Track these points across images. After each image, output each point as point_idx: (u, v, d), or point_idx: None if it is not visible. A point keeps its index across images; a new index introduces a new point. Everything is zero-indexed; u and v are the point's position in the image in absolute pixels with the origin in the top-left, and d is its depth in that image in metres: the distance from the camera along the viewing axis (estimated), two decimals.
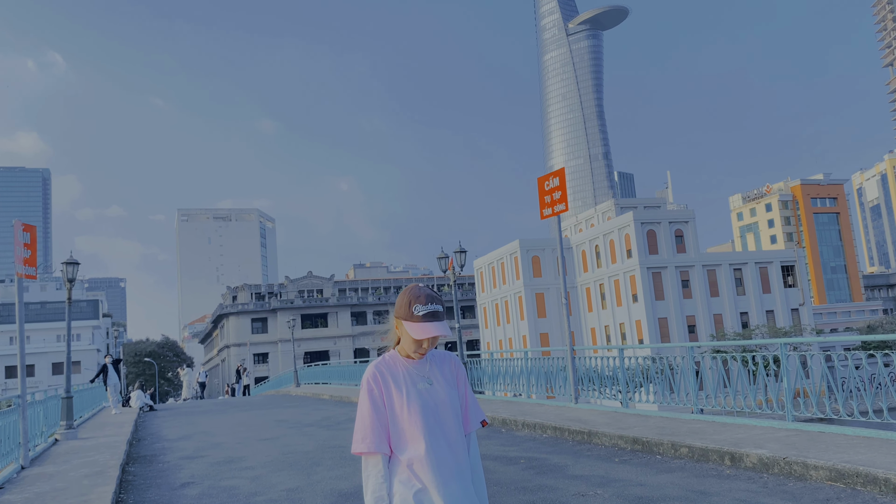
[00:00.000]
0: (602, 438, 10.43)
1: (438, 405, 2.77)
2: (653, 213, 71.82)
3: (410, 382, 2.77)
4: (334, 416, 18.52)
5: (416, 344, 2.74)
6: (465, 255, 19.15)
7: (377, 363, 2.85)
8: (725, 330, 67.68)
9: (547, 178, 13.73)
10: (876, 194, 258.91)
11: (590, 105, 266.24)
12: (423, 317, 2.69)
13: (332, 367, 37.64)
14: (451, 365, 2.94)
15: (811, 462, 7.00)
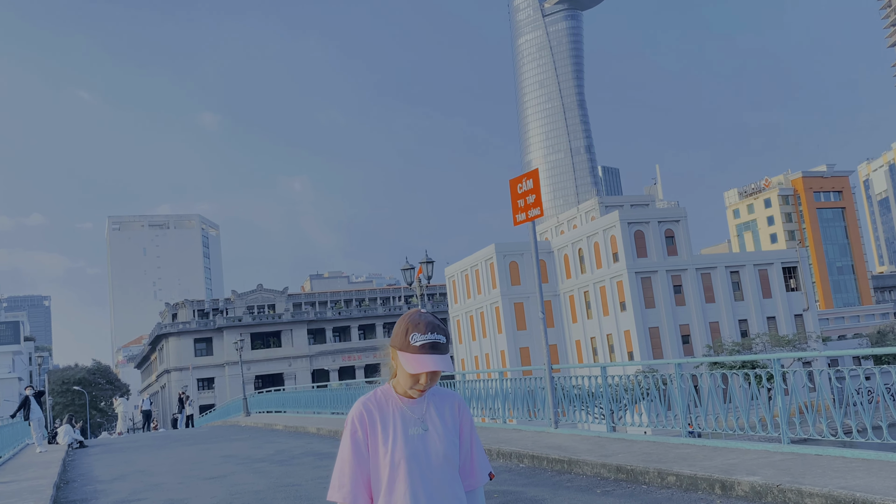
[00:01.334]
0: (583, 467, 10.60)
1: (431, 456, 2.65)
2: (641, 212, 72.67)
3: (401, 425, 2.67)
4: (289, 449, 18.46)
5: (412, 379, 2.64)
6: (432, 265, 19.30)
7: (366, 399, 2.74)
8: (723, 339, 68.65)
9: (520, 181, 13.93)
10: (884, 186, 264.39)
11: (570, 93, 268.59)
12: (420, 348, 2.59)
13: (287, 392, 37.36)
14: (454, 407, 2.81)
15: (806, 489, 7.23)
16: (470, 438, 2.82)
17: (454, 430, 2.76)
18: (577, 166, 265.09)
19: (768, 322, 72.99)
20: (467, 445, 2.83)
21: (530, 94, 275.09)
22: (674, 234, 71.16)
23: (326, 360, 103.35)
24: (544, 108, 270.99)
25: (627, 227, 69.28)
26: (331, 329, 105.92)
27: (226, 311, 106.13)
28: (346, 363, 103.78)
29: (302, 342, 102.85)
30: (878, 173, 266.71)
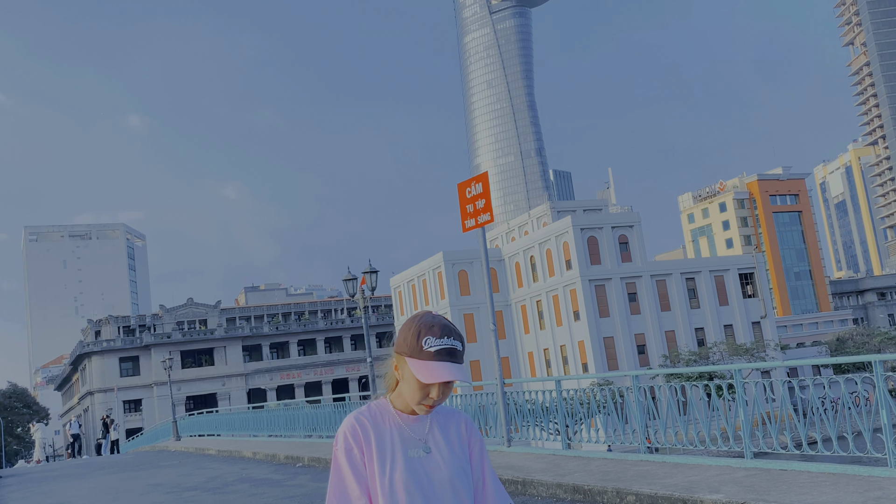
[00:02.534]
0: (538, 488, 10.54)
1: (434, 484, 2.43)
2: (594, 217, 73.46)
3: (399, 447, 2.46)
4: (222, 475, 18.13)
5: (422, 392, 2.43)
6: (376, 276, 19.13)
7: (358, 413, 2.52)
8: (679, 348, 69.69)
9: (468, 185, 13.86)
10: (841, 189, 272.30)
11: (519, 94, 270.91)
12: (436, 354, 2.39)
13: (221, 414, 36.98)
14: (461, 427, 2.59)
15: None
16: (481, 464, 2.61)
17: (462, 454, 2.54)
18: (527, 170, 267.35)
19: (725, 330, 74.34)
20: (479, 473, 2.61)
21: (478, 95, 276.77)
22: (628, 240, 72.07)
23: (263, 378, 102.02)
24: (493, 110, 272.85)
25: (580, 233, 69.94)
26: (268, 345, 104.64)
27: (154, 328, 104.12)
28: (285, 381, 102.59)
29: (236, 360, 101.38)
30: (834, 176, 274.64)
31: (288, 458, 19.80)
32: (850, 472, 8.20)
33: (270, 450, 21.87)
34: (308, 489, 13.99)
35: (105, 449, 43.35)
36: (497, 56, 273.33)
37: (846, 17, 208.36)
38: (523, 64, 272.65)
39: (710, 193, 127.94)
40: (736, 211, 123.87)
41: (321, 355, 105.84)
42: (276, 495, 13.58)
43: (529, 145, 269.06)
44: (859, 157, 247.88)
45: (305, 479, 15.50)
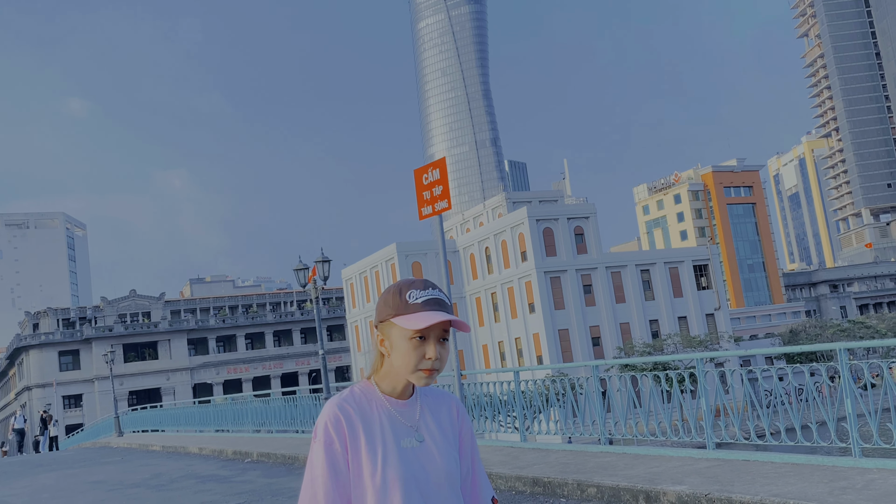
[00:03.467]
0: (497, 481, 10.46)
1: (431, 479, 2.23)
2: (549, 209, 73.77)
3: (391, 436, 2.22)
4: (167, 472, 17.81)
5: (418, 353, 2.18)
6: (328, 265, 18.88)
7: (341, 400, 2.25)
8: (634, 341, 70.44)
9: (425, 171, 13.70)
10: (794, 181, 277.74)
11: (474, 83, 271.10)
12: (424, 304, 2.19)
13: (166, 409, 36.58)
14: (452, 412, 2.40)
15: (736, 498, 7.25)
16: (471, 453, 2.42)
17: (453, 441, 2.35)
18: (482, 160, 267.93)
19: (679, 322, 75.32)
20: (468, 462, 2.42)
21: (432, 83, 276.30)
22: (583, 231, 72.56)
23: (209, 372, 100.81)
24: (447, 98, 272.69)
25: (536, 225, 70.21)
26: (214, 339, 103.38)
27: (95, 321, 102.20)
28: (232, 376, 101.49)
29: (181, 353, 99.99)
30: (788, 168, 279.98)
31: (236, 453, 19.52)
32: (815, 463, 8.24)
33: (218, 445, 21.55)
34: (257, 485, 13.75)
35: (43, 446, 42.41)
36: (452, 43, 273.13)
37: (801, 9, 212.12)
38: (478, 52, 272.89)
39: (666, 185, 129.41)
40: (690, 203, 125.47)
41: (270, 349, 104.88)
42: (224, 492, 13.32)
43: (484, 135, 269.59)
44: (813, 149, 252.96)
45: (255, 475, 15.26)
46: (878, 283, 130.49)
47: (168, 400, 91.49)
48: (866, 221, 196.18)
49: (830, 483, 7.28)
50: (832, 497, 6.75)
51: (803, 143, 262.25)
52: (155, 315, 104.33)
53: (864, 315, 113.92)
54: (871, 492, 6.77)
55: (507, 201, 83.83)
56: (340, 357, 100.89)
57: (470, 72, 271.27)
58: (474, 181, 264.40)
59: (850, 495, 6.74)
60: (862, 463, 7.80)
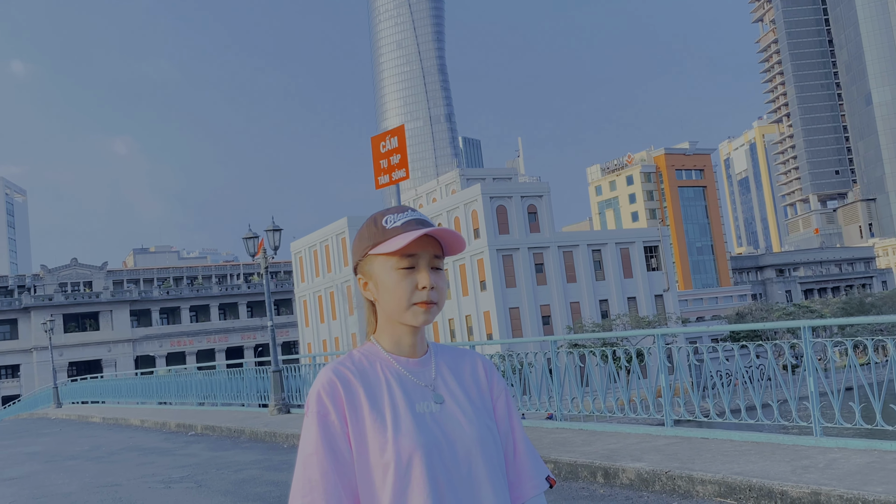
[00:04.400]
0: None
1: (458, 450, 1.80)
2: (503, 186, 73.78)
3: (402, 400, 1.82)
4: (107, 444, 17.40)
5: (408, 285, 1.80)
6: (279, 234, 18.48)
7: (338, 364, 1.88)
8: (583, 320, 71.05)
9: (383, 138, 13.43)
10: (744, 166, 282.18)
11: (430, 57, 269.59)
12: (404, 226, 1.83)
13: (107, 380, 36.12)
14: (478, 369, 1.98)
15: (697, 475, 7.17)
16: (509, 420, 1.95)
17: (483, 405, 1.90)
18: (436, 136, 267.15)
19: (629, 302, 76.10)
20: (507, 432, 1.95)
21: (387, 56, 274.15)
22: (536, 210, 72.74)
23: (152, 344, 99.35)
24: (402, 72, 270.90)
25: (489, 202, 70.19)
26: (157, 310, 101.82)
27: (34, 289, 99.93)
28: (175, 349, 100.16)
29: (124, 325, 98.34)
30: (738, 152, 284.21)
31: (179, 426, 19.13)
32: (776, 442, 8.22)
33: (160, 417, 21.13)
34: (202, 458, 13.43)
35: None
36: (408, 16, 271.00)
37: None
38: (434, 26, 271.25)
39: (618, 166, 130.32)
40: (642, 184, 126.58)
41: (215, 322, 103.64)
42: (167, 464, 12.99)
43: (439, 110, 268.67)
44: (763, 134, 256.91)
45: (199, 448, 14.93)
46: (823, 268, 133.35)
47: (109, 372, 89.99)
48: (814, 207, 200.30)
49: (792, 462, 7.24)
50: (795, 476, 6.70)
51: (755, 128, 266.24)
52: (97, 285, 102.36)
53: (808, 299, 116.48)
54: (833, 471, 6.73)
55: (460, 178, 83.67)
56: (287, 332, 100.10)
57: (426, 45, 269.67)
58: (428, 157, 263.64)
59: (812, 474, 6.69)
60: (823, 442, 7.79)
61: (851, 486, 6.17)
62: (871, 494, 5.89)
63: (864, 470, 6.65)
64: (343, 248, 74.64)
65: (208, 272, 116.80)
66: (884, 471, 6.55)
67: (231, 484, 10.44)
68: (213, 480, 10.88)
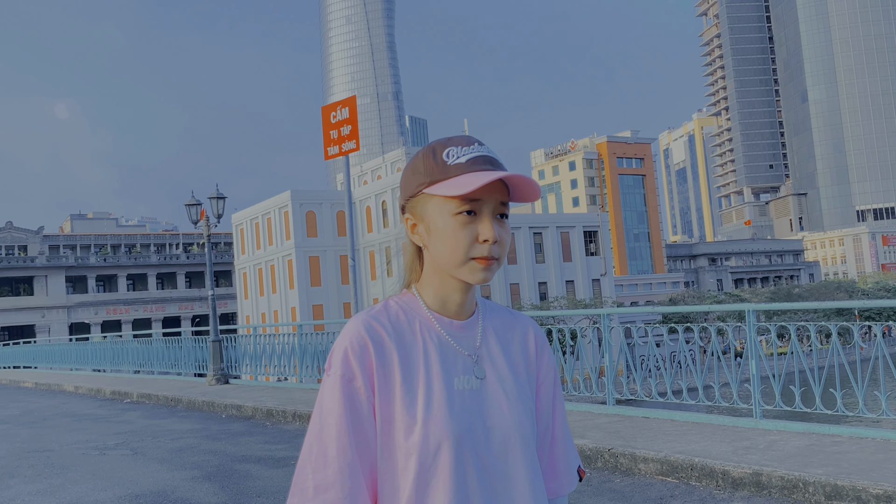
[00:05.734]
0: None
1: (494, 434, 1.51)
2: None
3: (438, 372, 1.52)
4: (40, 409, 16.91)
5: (468, 235, 1.49)
6: (223, 202, 18.06)
7: (370, 316, 1.55)
8: (522, 301, 71.54)
9: (334, 108, 13.15)
10: (682, 157, 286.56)
11: (379, 34, 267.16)
12: (470, 163, 1.50)
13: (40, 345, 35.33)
14: (529, 340, 1.67)
15: (640, 454, 7.15)
16: (552, 402, 1.68)
17: (528, 383, 1.61)
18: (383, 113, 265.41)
19: (567, 286, 76.86)
20: (546, 414, 1.67)
21: (336, 30, 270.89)
22: None
23: (87, 312, 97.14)
24: (351, 47, 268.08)
25: None
26: (94, 277, 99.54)
27: None
28: (111, 317, 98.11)
29: (59, 291, 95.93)
30: (678, 143, 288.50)
31: (115, 393, 18.66)
32: (716, 423, 8.26)
33: (95, 384, 20.60)
34: (137, 426, 13.09)
35: None
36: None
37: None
38: (385, 2, 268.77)
39: (562, 151, 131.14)
40: (584, 170, 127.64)
41: (152, 291, 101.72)
42: (102, 431, 12.62)
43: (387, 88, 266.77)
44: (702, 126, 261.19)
45: (134, 416, 14.56)
46: (753, 258, 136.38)
47: (43, 337, 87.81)
48: (747, 200, 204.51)
49: (733, 443, 7.28)
50: (736, 456, 6.72)
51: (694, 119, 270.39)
52: (32, 249, 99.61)
53: (738, 289, 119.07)
54: (774, 452, 6.77)
55: (406, 156, 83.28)
56: (226, 304, 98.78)
57: (375, 22, 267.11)
58: (374, 134, 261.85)
59: (753, 455, 6.72)
60: (763, 424, 7.85)
61: (792, 467, 6.20)
62: (812, 476, 5.92)
63: (804, 452, 6.70)
64: (285, 222, 73.73)
65: (147, 241, 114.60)
66: (823, 453, 6.61)
67: (168, 452, 10.17)
68: (149, 448, 10.59)
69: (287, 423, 12.24)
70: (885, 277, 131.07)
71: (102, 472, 9.06)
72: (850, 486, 5.68)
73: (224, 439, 11.01)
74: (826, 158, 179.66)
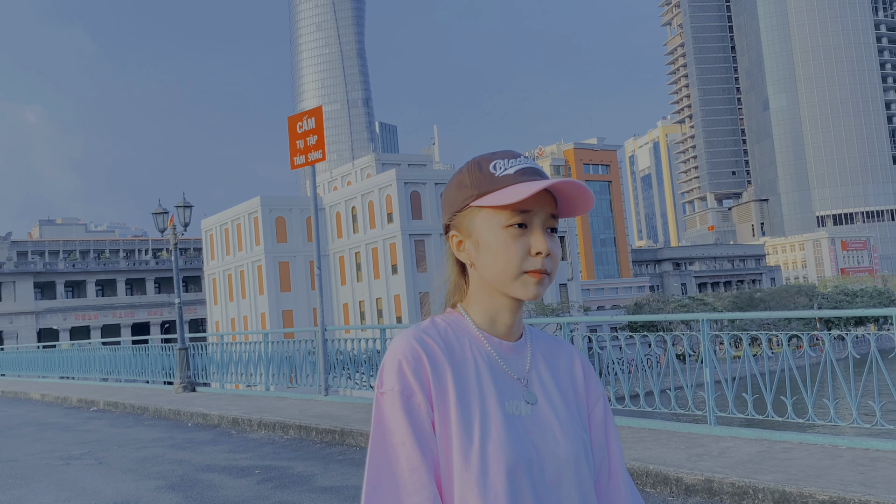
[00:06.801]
0: (357, 438, 10.19)
1: (547, 463, 1.41)
2: (418, 172, 73.70)
3: (493, 393, 1.42)
4: (5, 418, 16.76)
5: (519, 248, 1.43)
6: (190, 210, 17.96)
7: (422, 331, 1.48)
8: None
9: (300, 119, 13.14)
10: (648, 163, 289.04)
11: (349, 41, 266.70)
12: (519, 174, 1.44)
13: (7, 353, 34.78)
14: (576, 367, 1.58)
15: None
16: (605, 433, 1.56)
17: (579, 409, 1.53)
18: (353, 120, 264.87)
19: None
20: (602, 447, 1.55)
21: (306, 37, 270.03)
22: None
23: (56, 317, 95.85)
24: (321, 54, 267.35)
25: (404, 188, 70.01)
26: (62, 283, 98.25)
27: None
28: (80, 323, 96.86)
29: (27, 297, 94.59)
30: (643, 150, 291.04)
31: (81, 401, 18.46)
32: (671, 429, 8.37)
33: (62, 392, 20.34)
34: (103, 434, 12.97)
35: None
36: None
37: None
38: (355, 9, 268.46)
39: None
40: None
41: (121, 297, 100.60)
42: (67, 440, 12.49)
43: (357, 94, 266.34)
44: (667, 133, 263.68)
45: (100, 424, 14.41)
46: (717, 263, 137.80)
47: (11, 344, 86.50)
48: (710, 205, 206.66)
49: (688, 449, 7.38)
50: (690, 463, 6.82)
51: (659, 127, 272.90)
52: (0, 255, 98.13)
53: (702, 293, 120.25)
54: (727, 459, 6.88)
55: (376, 162, 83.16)
56: (195, 309, 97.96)
57: (346, 29, 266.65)
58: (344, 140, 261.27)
59: (706, 462, 6.83)
60: (717, 431, 7.97)
61: (743, 474, 6.31)
62: (762, 482, 6.03)
63: (755, 459, 6.82)
64: (255, 228, 73.33)
65: (116, 246, 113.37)
66: (773, 460, 6.73)
67: (133, 461, 10.10)
68: (114, 457, 10.50)
69: (253, 431, 12.20)
70: (844, 281, 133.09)
71: (66, 483, 8.98)
72: (797, 493, 5.79)
73: (189, 448, 10.95)
74: (787, 165, 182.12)
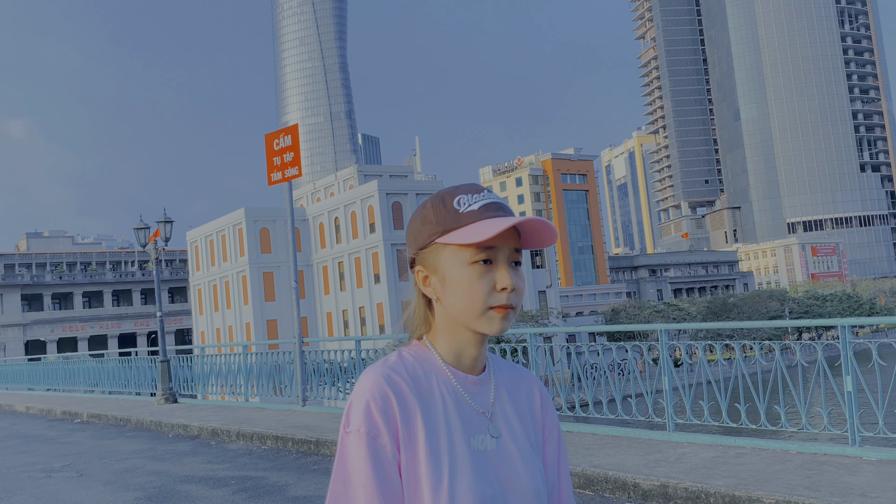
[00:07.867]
0: (332, 448, 10.25)
1: (510, 497, 1.42)
2: (399, 183, 73.78)
3: (459, 430, 1.42)
4: None
5: (484, 282, 1.41)
6: (171, 225, 17.96)
7: (390, 368, 1.45)
8: None
9: (277, 136, 13.22)
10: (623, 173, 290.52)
11: (332, 54, 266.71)
12: (482, 210, 1.43)
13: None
14: (535, 397, 1.59)
15: None
16: (557, 460, 1.59)
17: (536, 440, 1.53)
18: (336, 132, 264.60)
19: None
20: (554, 474, 1.58)
21: (290, 51, 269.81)
22: None
23: (43, 329, 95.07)
24: (304, 68, 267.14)
25: (386, 198, 70.07)
26: (50, 295, 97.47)
27: None
28: (67, 334, 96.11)
29: (14, 309, 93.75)
30: (619, 160, 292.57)
31: (65, 413, 18.37)
32: (632, 436, 8.50)
33: (46, 404, 20.23)
34: (85, 447, 12.94)
35: None
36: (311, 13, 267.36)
37: (640, 13, 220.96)
38: (337, 24, 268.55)
39: (509, 168, 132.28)
40: (531, 186, 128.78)
41: (108, 308, 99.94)
42: (49, 453, 12.46)
43: (339, 107, 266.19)
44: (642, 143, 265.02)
45: (83, 436, 14.37)
46: (691, 269, 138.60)
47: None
48: (685, 213, 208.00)
49: (646, 455, 7.51)
50: (647, 469, 6.95)
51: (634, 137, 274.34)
52: None
53: (677, 298, 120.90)
54: (682, 465, 7.01)
55: (358, 174, 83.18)
56: (181, 320, 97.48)
57: (328, 44, 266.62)
58: (327, 152, 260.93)
59: (663, 468, 6.96)
60: (675, 437, 8.10)
61: (696, 479, 6.44)
62: (713, 487, 6.16)
63: (710, 464, 6.95)
64: (240, 239, 73.11)
65: (102, 258, 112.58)
66: (726, 465, 6.87)
67: (113, 473, 10.11)
68: (94, 469, 10.50)
69: (231, 441, 12.23)
70: (814, 286, 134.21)
71: (47, 496, 8.98)
72: (746, 497, 5.93)
73: (169, 459, 10.96)
74: (758, 174, 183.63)
